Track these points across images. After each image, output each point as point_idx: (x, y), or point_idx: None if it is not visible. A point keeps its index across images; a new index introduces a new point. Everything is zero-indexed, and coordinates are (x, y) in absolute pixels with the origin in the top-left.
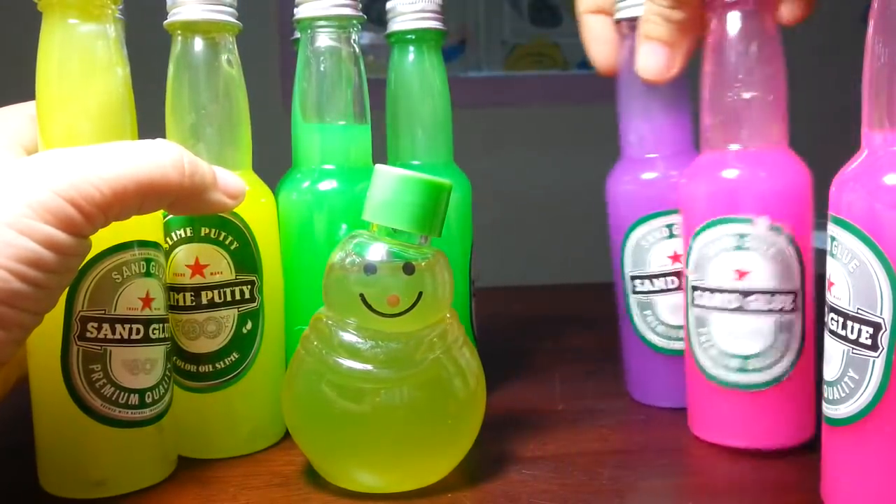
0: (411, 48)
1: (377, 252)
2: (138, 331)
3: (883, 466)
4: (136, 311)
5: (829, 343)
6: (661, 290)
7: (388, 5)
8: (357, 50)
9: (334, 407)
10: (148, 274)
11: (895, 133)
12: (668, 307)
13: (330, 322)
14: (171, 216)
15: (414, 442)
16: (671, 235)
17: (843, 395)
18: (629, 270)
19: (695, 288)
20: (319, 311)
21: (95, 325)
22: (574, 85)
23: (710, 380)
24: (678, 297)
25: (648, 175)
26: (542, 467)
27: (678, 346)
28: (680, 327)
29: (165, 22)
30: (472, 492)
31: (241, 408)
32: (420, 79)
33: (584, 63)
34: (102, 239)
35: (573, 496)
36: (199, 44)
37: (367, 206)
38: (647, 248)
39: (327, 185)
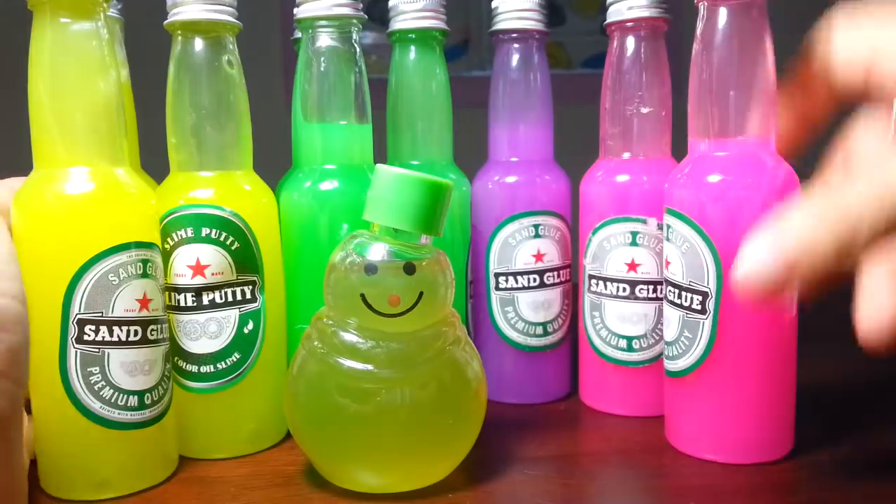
0: (413, 47)
1: (378, 252)
2: (136, 332)
3: (713, 408)
4: (134, 312)
5: (668, 310)
6: (524, 288)
7: (390, 4)
8: (358, 50)
9: (335, 407)
10: (145, 275)
11: (716, 141)
12: (529, 304)
13: (331, 322)
14: (171, 217)
15: (415, 442)
16: (537, 235)
17: (680, 351)
18: (494, 268)
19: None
20: (320, 310)
21: (93, 327)
22: (578, 84)
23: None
24: (539, 295)
25: (519, 176)
26: (543, 467)
27: (535, 342)
28: (539, 324)
29: (165, 22)
30: (474, 492)
31: (243, 408)
32: (421, 78)
33: (588, 62)
34: (98, 241)
35: (575, 496)
36: (199, 44)
37: (368, 205)
38: (514, 246)
39: (329, 184)
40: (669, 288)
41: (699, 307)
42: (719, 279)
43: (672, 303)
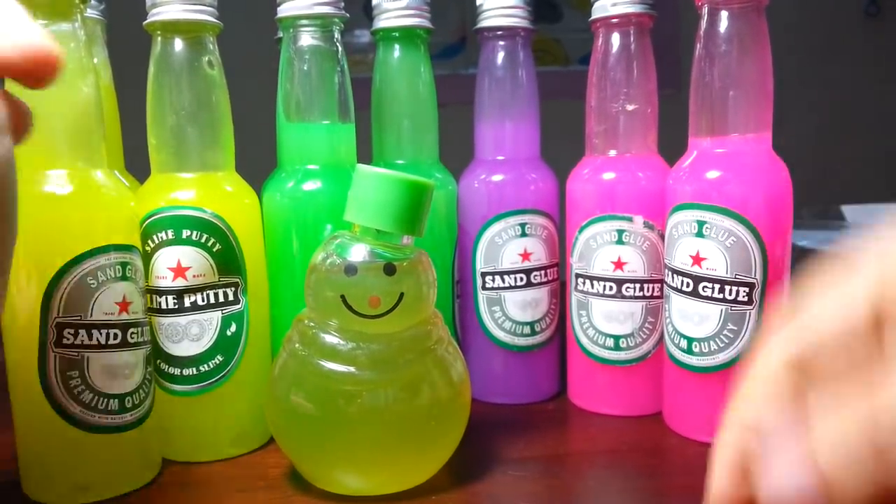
0: (397, 45)
1: (358, 253)
2: (116, 335)
3: None
4: (113, 315)
5: (701, 307)
6: (511, 287)
7: (374, 2)
8: (340, 48)
9: (316, 410)
10: (124, 278)
11: (716, 139)
12: (517, 303)
13: (311, 324)
14: (152, 219)
15: (397, 444)
16: (523, 234)
17: (722, 345)
18: (480, 267)
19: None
20: (301, 312)
21: (72, 331)
22: (575, 81)
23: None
24: (526, 294)
25: (505, 175)
26: (529, 468)
27: (523, 342)
28: (526, 324)
29: (145, 22)
30: (458, 493)
31: (226, 411)
32: (406, 77)
33: (585, 58)
34: (76, 244)
35: (560, 497)
36: (179, 44)
37: (349, 206)
38: (501, 245)
39: (311, 185)
40: (705, 284)
41: (746, 298)
42: (764, 269)
43: (710, 298)
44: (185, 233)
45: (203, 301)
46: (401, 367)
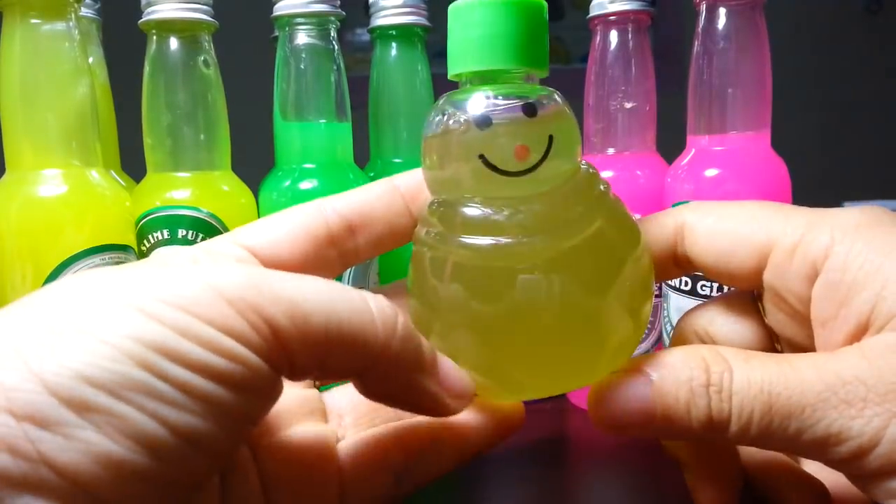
0: (394, 44)
1: (480, 102)
2: None
3: None
4: None
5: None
6: None
7: (370, 0)
8: (336, 47)
9: (493, 300)
10: None
11: (714, 137)
12: None
13: (443, 208)
14: (147, 219)
15: (587, 322)
16: None
17: None
18: None
19: None
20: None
21: None
22: (576, 79)
23: None
24: None
25: None
26: (528, 468)
27: None
28: None
29: (140, 21)
30: (455, 494)
31: None
32: (402, 75)
33: (587, 57)
34: (71, 244)
35: (559, 497)
36: (174, 43)
37: (450, 59)
38: None
39: (308, 184)
40: (703, 282)
41: None
42: None
43: (709, 297)
44: (181, 232)
45: None
46: (574, 223)
